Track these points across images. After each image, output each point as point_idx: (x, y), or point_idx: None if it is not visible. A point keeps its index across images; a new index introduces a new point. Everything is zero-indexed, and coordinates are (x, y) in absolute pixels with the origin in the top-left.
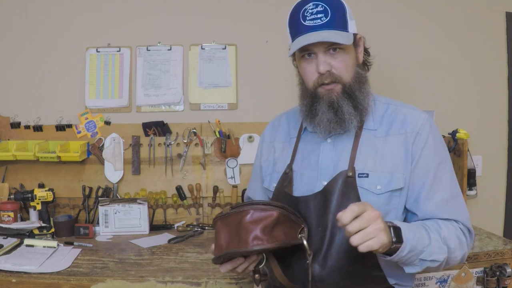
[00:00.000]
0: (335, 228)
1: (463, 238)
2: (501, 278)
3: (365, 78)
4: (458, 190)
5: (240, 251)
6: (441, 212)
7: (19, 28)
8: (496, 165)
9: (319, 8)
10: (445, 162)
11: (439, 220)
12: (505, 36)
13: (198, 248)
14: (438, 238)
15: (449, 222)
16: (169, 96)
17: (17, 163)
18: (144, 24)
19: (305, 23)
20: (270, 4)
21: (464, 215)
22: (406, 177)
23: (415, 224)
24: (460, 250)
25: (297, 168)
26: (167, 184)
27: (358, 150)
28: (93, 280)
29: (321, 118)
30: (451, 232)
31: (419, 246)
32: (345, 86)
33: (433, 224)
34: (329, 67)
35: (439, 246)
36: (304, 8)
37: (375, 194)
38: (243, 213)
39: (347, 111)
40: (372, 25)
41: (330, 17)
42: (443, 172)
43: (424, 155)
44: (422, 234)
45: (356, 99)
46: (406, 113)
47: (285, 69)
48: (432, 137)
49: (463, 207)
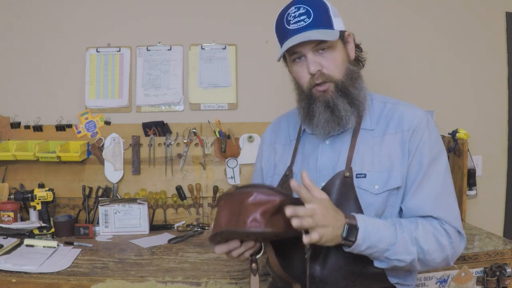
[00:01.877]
0: None
1: (443, 240)
2: (501, 278)
3: (357, 73)
4: (450, 189)
5: (237, 231)
6: (425, 208)
7: (19, 28)
8: (496, 165)
9: (301, 11)
10: (439, 159)
11: (420, 219)
12: (505, 36)
13: (198, 248)
14: (406, 238)
15: (429, 223)
16: (169, 96)
17: (17, 163)
18: (144, 24)
19: (289, 27)
20: (270, 4)
21: (452, 215)
22: (403, 175)
23: (386, 222)
24: (439, 252)
25: (297, 170)
26: (167, 184)
27: (356, 150)
28: (93, 280)
29: (318, 119)
30: (428, 233)
31: (381, 244)
32: (338, 84)
33: (409, 223)
34: (320, 67)
35: (405, 247)
36: (287, 12)
37: (373, 194)
38: (247, 194)
39: (343, 108)
40: (372, 25)
41: (313, 17)
42: (435, 169)
43: (418, 151)
44: (388, 233)
45: (350, 95)
46: (402, 111)
47: (285, 69)
48: (428, 133)
49: (452, 207)
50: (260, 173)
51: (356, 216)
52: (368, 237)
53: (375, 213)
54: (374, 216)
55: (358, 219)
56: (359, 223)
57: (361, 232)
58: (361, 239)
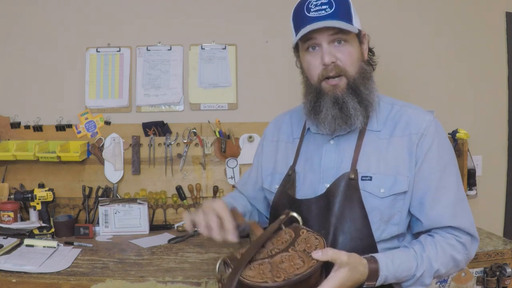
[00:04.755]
0: (338, 231)
1: (459, 256)
2: (501, 278)
3: (370, 74)
4: (463, 194)
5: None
6: (444, 218)
7: (19, 28)
8: (496, 165)
9: (324, 0)
10: (451, 165)
11: (438, 237)
12: (505, 36)
13: (198, 248)
14: (424, 275)
15: (447, 242)
16: (169, 96)
17: (17, 163)
18: (144, 24)
19: (309, 15)
20: (270, 4)
21: (469, 221)
22: (410, 180)
23: (409, 256)
24: (454, 268)
25: (300, 170)
26: (167, 184)
27: (361, 152)
28: (93, 280)
29: (325, 115)
30: (446, 255)
31: (398, 282)
32: (350, 81)
33: (428, 251)
34: (334, 59)
35: (421, 281)
36: (308, 1)
37: (379, 198)
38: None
39: (353, 107)
40: (371, 25)
41: (334, 8)
42: (449, 176)
43: (428, 158)
44: (407, 273)
45: (361, 94)
46: (410, 114)
47: (285, 69)
48: (438, 139)
49: (467, 212)
50: (259, 169)
51: (378, 260)
52: (386, 281)
53: (380, 217)
54: (379, 221)
55: (380, 266)
56: (381, 271)
57: (380, 280)
58: (378, 284)
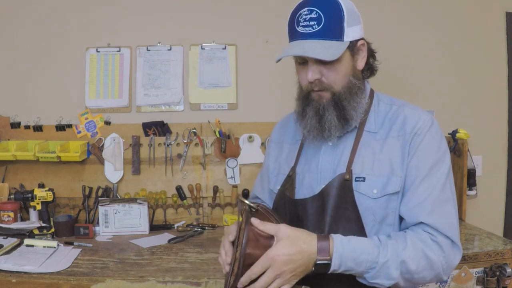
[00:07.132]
0: (332, 231)
1: (433, 256)
2: (501, 278)
3: (357, 87)
4: (449, 197)
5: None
6: (419, 214)
7: (19, 29)
8: (496, 165)
9: (313, 15)
10: (440, 164)
11: (411, 233)
12: (505, 36)
13: (198, 248)
14: (389, 263)
15: (420, 238)
16: (169, 96)
17: (17, 163)
18: (144, 24)
19: (298, 29)
20: (270, 4)
21: (448, 224)
22: (402, 180)
23: (370, 244)
24: (428, 270)
25: (300, 170)
26: (167, 184)
27: (357, 153)
28: (93, 280)
29: (307, 123)
30: (417, 251)
31: (359, 268)
32: (335, 95)
33: (396, 244)
34: (319, 76)
35: (386, 272)
36: (299, 12)
37: (372, 199)
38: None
39: (328, 120)
40: (371, 25)
41: (323, 25)
42: (436, 175)
43: (417, 155)
44: (367, 257)
45: (343, 109)
46: (407, 113)
47: (285, 69)
48: (429, 137)
49: (449, 215)
50: (267, 171)
51: (332, 235)
52: (344, 263)
53: (373, 218)
54: (372, 221)
55: (334, 241)
56: (335, 247)
57: (336, 257)
58: (336, 265)
